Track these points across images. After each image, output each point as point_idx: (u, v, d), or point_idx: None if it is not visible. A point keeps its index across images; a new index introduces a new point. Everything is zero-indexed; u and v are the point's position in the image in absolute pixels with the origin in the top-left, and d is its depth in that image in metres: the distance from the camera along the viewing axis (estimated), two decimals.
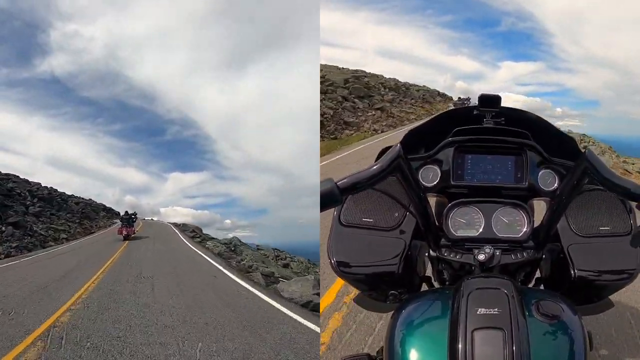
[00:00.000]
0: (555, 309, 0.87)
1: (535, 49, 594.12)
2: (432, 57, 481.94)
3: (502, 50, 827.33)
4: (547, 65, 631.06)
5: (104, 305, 5.08)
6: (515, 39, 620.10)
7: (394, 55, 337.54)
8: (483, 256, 1.00)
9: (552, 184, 1.16)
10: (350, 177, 0.90)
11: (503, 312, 0.83)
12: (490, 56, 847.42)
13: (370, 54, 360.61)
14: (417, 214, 1.07)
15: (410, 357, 0.87)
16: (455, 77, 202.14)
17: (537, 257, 1.10)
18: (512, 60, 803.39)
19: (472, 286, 0.90)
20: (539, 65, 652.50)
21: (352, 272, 1.12)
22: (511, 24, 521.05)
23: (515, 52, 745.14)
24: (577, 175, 0.92)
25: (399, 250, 1.11)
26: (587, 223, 1.14)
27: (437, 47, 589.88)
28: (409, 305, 0.97)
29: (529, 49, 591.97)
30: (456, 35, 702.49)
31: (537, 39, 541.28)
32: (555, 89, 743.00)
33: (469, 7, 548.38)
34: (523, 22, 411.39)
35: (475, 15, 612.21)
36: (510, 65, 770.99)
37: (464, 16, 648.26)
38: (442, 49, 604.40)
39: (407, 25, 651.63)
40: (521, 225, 1.10)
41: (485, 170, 1.16)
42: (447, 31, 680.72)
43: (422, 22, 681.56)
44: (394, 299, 1.15)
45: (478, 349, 0.79)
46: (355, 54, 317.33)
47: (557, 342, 0.85)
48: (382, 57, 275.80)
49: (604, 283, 1.09)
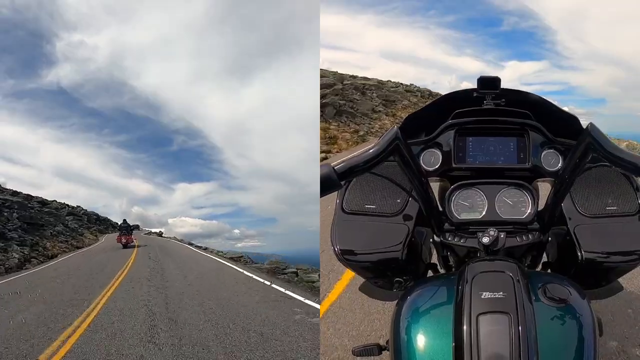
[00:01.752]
0: (562, 292, 0.85)
1: (539, 48, 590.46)
2: (435, 58, 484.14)
3: (506, 49, 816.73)
4: (551, 64, 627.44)
5: None
6: (519, 38, 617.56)
7: (398, 57, 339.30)
8: (487, 239, 0.97)
9: (556, 164, 1.14)
10: (347, 160, 0.88)
11: (508, 295, 0.80)
12: (493, 56, 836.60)
13: (374, 57, 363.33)
14: (419, 198, 1.04)
15: (416, 343, 0.85)
16: (461, 77, 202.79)
17: (543, 240, 1.08)
18: (517, 60, 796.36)
19: (476, 270, 0.88)
20: (544, 64, 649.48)
21: (357, 259, 1.10)
22: (514, 23, 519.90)
23: (519, 51, 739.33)
24: (580, 151, 0.89)
25: (403, 237, 1.09)
26: (593, 203, 1.12)
27: (441, 48, 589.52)
28: (414, 291, 0.95)
29: (532, 47, 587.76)
30: (459, 35, 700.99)
31: (540, 37, 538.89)
32: (560, 88, 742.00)
33: (471, 7, 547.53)
34: (525, 20, 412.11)
35: (477, 15, 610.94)
36: (515, 64, 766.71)
37: (466, 16, 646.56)
38: (446, 50, 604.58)
39: (408, 26, 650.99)
40: (525, 207, 1.07)
41: (487, 152, 1.14)
42: (449, 32, 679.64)
43: (423, 23, 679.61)
44: (399, 286, 1.13)
45: (483, 333, 0.76)
46: (359, 56, 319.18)
47: (564, 326, 0.83)
48: (385, 59, 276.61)
49: (613, 265, 1.06)
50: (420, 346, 0.85)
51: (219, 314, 4.51)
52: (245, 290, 6.08)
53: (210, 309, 4.78)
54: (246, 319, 4.22)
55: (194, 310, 4.75)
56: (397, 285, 1.14)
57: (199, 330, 3.89)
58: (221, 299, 5.41)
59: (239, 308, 4.77)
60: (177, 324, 4.12)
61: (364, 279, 1.19)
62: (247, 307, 4.79)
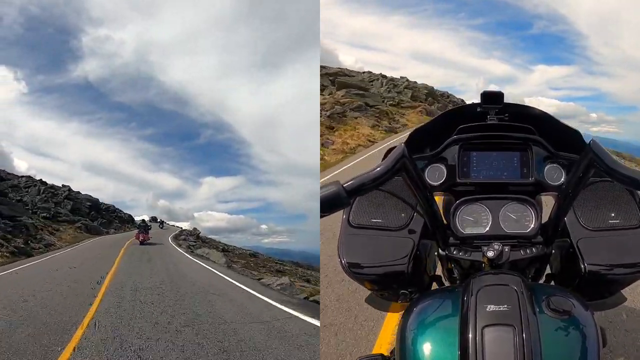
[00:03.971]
0: (566, 304, 0.86)
1: (569, 52, 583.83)
2: (463, 61, 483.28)
3: (535, 53, 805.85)
4: (581, 69, 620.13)
5: None
6: (548, 41, 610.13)
7: (427, 58, 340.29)
8: (492, 253, 0.99)
9: (559, 178, 1.16)
10: (356, 178, 0.90)
11: (513, 308, 0.82)
12: (522, 59, 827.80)
13: (404, 57, 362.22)
14: (424, 213, 1.06)
15: (422, 355, 0.87)
16: (488, 80, 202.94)
17: (547, 253, 1.09)
18: (545, 64, 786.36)
19: (481, 283, 0.90)
20: (573, 69, 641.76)
21: (363, 272, 1.12)
22: (543, 26, 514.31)
23: (548, 55, 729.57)
24: (583, 166, 0.91)
25: (408, 250, 1.11)
26: (596, 216, 1.13)
27: (469, 51, 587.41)
28: (419, 304, 0.97)
29: (562, 52, 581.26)
30: (487, 38, 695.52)
31: (571, 41, 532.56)
32: (589, 94, 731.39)
33: (500, 10, 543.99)
34: (555, 24, 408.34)
35: (506, 18, 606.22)
36: (543, 69, 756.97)
37: (495, 19, 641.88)
38: (474, 52, 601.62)
39: (438, 28, 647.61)
40: (529, 221, 1.09)
41: (491, 167, 1.16)
42: (478, 34, 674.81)
43: (452, 25, 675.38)
44: (404, 298, 1.15)
45: (488, 345, 0.78)
46: (389, 57, 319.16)
47: (568, 338, 0.84)
48: (415, 60, 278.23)
49: (616, 277, 1.07)
50: (426, 357, 0.86)
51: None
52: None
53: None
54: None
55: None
56: (402, 297, 1.15)
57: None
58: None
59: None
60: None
61: (370, 291, 1.21)
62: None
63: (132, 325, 4.25)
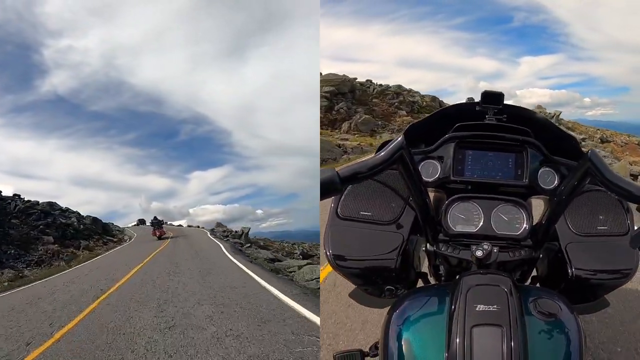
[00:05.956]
0: (552, 307, 0.87)
1: (553, 41, 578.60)
2: (450, 62, 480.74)
3: (519, 46, 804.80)
4: (567, 56, 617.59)
5: None
6: (530, 33, 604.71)
7: (414, 64, 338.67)
8: (481, 252, 0.99)
9: (552, 182, 1.16)
10: (351, 166, 0.89)
11: (502, 309, 0.83)
12: (507, 53, 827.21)
13: (391, 66, 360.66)
14: (416, 207, 1.05)
15: (407, 352, 0.87)
16: (477, 78, 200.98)
17: (535, 256, 1.10)
18: (531, 55, 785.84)
19: (471, 282, 0.90)
20: (559, 57, 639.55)
21: (348, 265, 1.11)
22: (524, 18, 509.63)
23: (533, 46, 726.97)
24: (579, 175, 0.91)
25: (397, 245, 1.11)
26: (586, 222, 1.14)
27: (454, 51, 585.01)
28: (406, 300, 0.97)
29: (546, 41, 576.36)
30: (470, 36, 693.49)
31: (553, 30, 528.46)
32: (580, 79, 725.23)
33: (478, 6, 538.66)
34: (535, 15, 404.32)
35: (486, 14, 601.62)
36: (529, 60, 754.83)
37: (475, 16, 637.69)
38: (459, 52, 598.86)
39: (419, 32, 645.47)
40: (520, 223, 1.09)
41: (485, 167, 1.15)
42: (460, 34, 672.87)
43: (433, 27, 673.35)
44: (390, 294, 1.14)
45: (477, 345, 0.79)
46: (377, 66, 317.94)
47: (554, 340, 0.85)
48: (402, 67, 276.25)
49: (600, 282, 1.09)
50: (412, 355, 0.86)
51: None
52: None
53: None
54: None
55: None
56: (387, 294, 1.15)
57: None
58: None
59: None
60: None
61: (354, 285, 1.19)
62: None
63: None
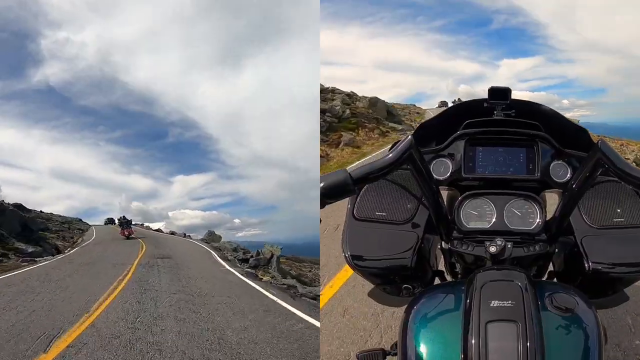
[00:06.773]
0: (569, 301, 0.86)
1: (532, 43, 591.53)
2: (431, 64, 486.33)
3: (499, 48, 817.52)
4: (546, 58, 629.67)
5: None
6: (510, 35, 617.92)
7: (395, 67, 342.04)
8: (495, 248, 0.99)
9: (565, 176, 1.15)
10: (363, 167, 0.90)
11: (517, 304, 0.82)
12: (488, 56, 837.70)
13: (370, 69, 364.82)
14: (430, 206, 1.06)
15: (424, 350, 0.87)
16: (458, 81, 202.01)
17: (550, 250, 1.09)
18: (511, 58, 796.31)
19: (485, 278, 0.89)
20: (538, 59, 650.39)
21: (366, 265, 1.13)
22: (503, 20, 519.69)
23: (512, 48, 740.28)
24: (590, 166, 0.90)
25: (412, 244, 1.11)
26: (601, 214, 1.13)
27: (435, 53, 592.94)
28: (422, 298, 0.97)
29: (525, 43, 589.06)
30: (450, 39, 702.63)
31: (532, 32, 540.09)
32: (558, 81, 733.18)
33: (458, 9, 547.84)
34: (515, 17, 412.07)
35: (466, 16, 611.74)
36: (509, 62, 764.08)
37: (455, 19, 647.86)
38: (440, 55, 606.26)
39: (400, 35, 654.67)
40: (533, 218, 1.09)
41: (496, 162, 1.15)
42: (440, 36, 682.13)
43: (414, 30, 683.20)
44: (407, 292, 1.15)
45: (492, 341, 0.78)
46: (355, 70, 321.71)
47: (571, 335, 0.84)
48: (382, 70, 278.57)
49: (619, 275, 1.07)
50: (429, 352, 0.86)
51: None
52: None
53: None
54: None
55: None
56: (405, 292, 1.15)
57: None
58: None
59: None
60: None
61: (373, 284, 1.21)
62: None
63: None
